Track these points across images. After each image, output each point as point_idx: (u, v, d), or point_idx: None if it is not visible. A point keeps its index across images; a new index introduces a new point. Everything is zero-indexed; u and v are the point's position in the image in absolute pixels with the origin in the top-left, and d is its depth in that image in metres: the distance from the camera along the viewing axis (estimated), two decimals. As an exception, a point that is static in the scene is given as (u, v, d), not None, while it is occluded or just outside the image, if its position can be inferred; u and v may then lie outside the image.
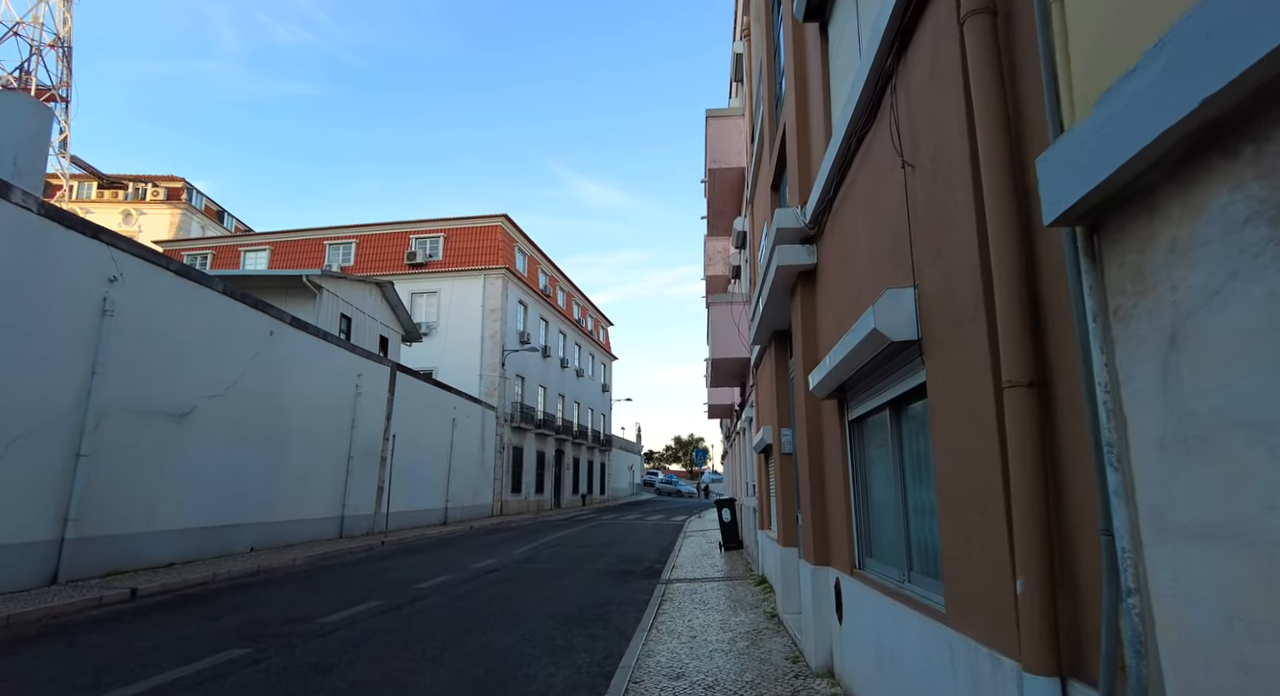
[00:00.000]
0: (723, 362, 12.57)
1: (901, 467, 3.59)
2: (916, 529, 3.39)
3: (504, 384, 32.52)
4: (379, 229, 35.14)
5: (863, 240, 3.80)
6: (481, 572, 12.31)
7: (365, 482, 19.33)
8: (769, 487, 9.70)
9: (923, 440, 3.25)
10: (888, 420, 3.70)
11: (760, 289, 6.61)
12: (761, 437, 8.46)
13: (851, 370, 3.76)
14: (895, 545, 3.72)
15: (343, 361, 18.05)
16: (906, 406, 3.51)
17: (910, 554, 3.48)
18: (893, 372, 3.45)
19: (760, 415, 9.78)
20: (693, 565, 12.93)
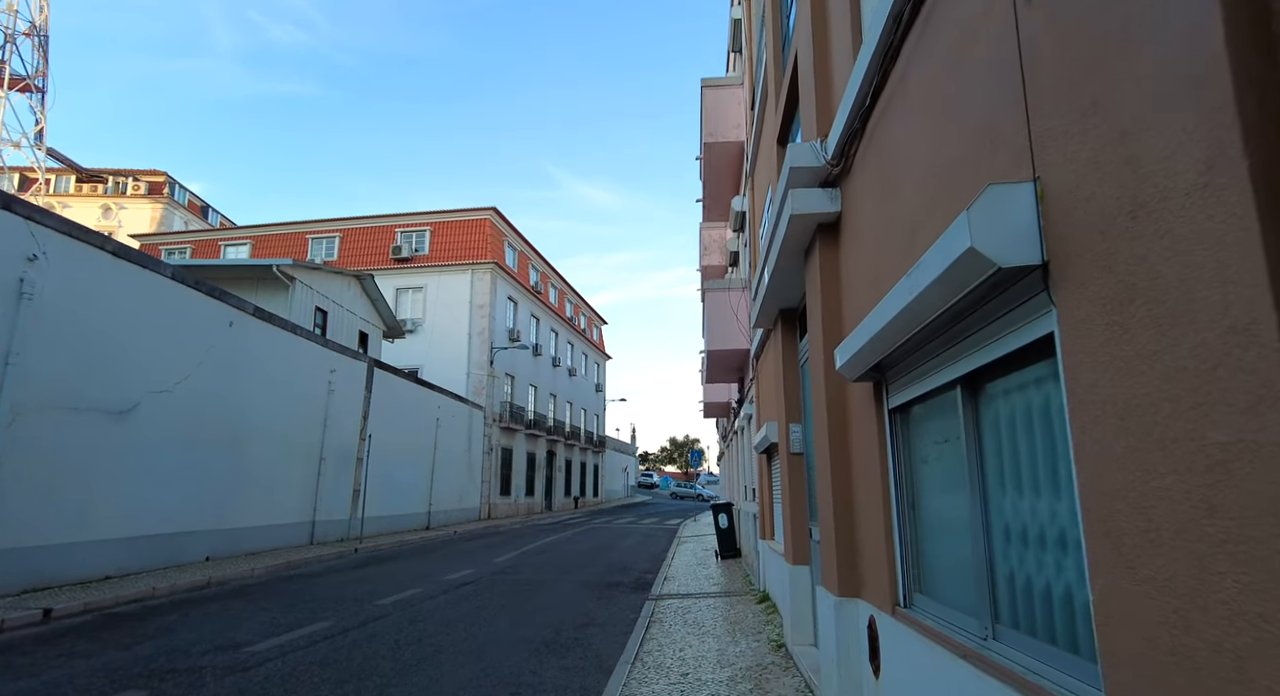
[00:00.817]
0: (720, 355, 11.50)
1: (981, 471, 2.51)
2: (1009, 561, 2.30)
3: (492, 383, 31.38)
4: (363, 222, 33.98)
5: (921, 150, 2.71)
6: (454, 585, 11.18)
7: (339, 486, 18.19)
8: (771, 493, 8.61)
9: (1027, 431, 2.16)
10: (958, 404, 2.61)
11: (765, 259, 5.53)
12: (764, 435, 7.37)
13: (903, 334, 2.67)
14: (966, 581, 2.63)
15: (314, 356, 16.91)
16: (990, 383, 2.43)
17: (995, 598, 2.39)
18: (971, 332, 2.36)
19: (762, 410, 8.69)
20: (686, 576, 11.83)
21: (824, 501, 4.24)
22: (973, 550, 2.51)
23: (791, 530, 5.74)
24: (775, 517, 8.34)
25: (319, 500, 17.10)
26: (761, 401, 8.85)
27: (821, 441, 4.22)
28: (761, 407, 8.76)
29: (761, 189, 8.99)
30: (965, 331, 2.39)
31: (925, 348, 2.77)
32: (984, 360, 2.28)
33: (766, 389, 7.98)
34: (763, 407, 8.62)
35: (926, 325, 2.46)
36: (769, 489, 8.66)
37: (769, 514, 8.63)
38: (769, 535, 8.68)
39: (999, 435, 2.36)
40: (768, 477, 8.69)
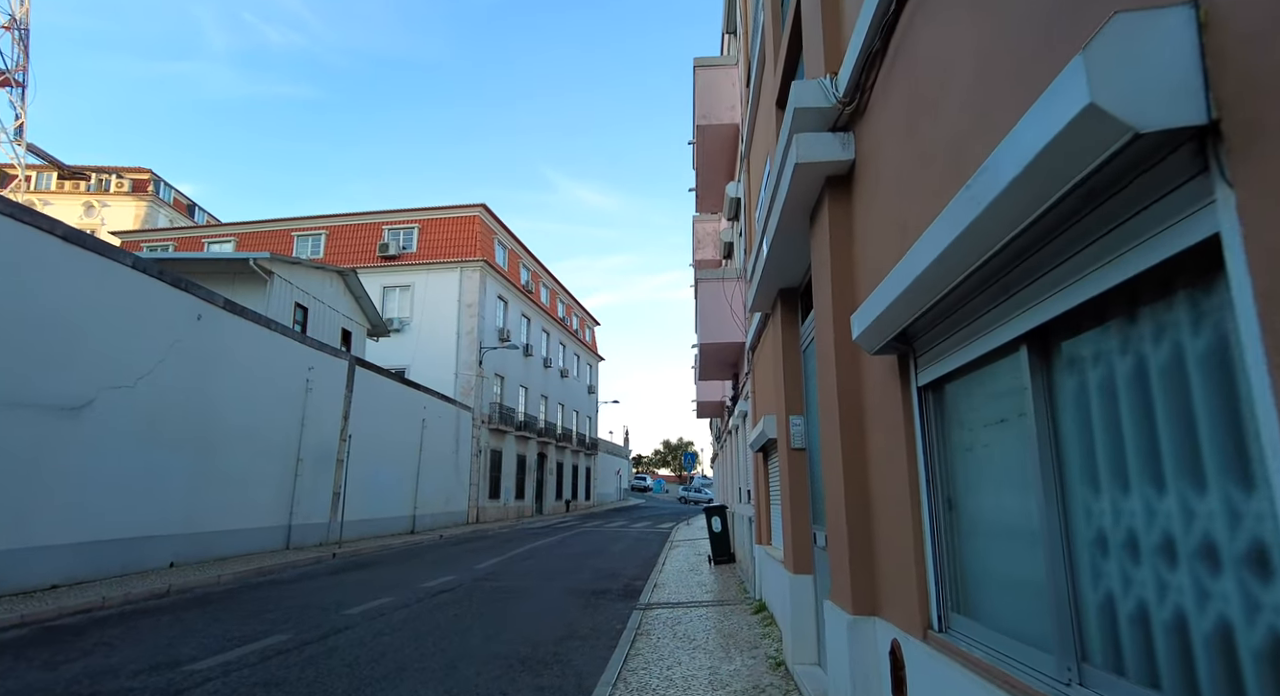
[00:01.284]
0: (713, 349, 10.88)
1: (1056, 458, 1.88)
2: (1107, 581, 1.67)
3: (481, 383, 30.69)
4: (350, 219, 33.26)
5: (969, 39, 2.09)
6: (431, 593, 10.51)
7: (318, 488, 17.47)
8: (768, 494, 7.99)
9: (1140, 396, 1.53)
10: (1023, 371, 1.99)
11: (764, 228, 4.92)
12: (760, 432, 6.75)
13: (949, 279, 2.05)
14: (1033, 604, 2.00)
15: (291, 353, 16.21)
16: (1075, 336, 1.80)
17: (1082, 630, 1.76)
18: (1064, 258, 1.69)
19: (759, 404, 8.07)
20: (677, 583, 11.18)
21: (834, 501, 3.61)
22: (1047, 564, 1.89)
23: (792, 535, 5.11)
24: (773, 521, 7.72)
25: (296, 503, 16.39)
26: (758, 395, 8.23)
27: (830, 431, 3.60)
28: (758, 402, 8.14)
29: (758, 168, 8.39)
30: (1052, 259, 1.73)
31: (975, 299, 2.15)
32: (1077, 299, 1.63)
33: (764, 380, 7.36)
34: (759, 402, 8.00)
35: (988, 260, 1.84)
36: (765, 490, 8.03)
37: (765, 517, 8.01)
38: (766, 539, 8.05)
39: (1090, 407, 1.73)
40: (764, 478, 8.06)
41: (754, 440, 7.67)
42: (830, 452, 3.65)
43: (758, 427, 7.25)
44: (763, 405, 7.69)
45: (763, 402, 7.71)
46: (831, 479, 3.66)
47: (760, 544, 8.43)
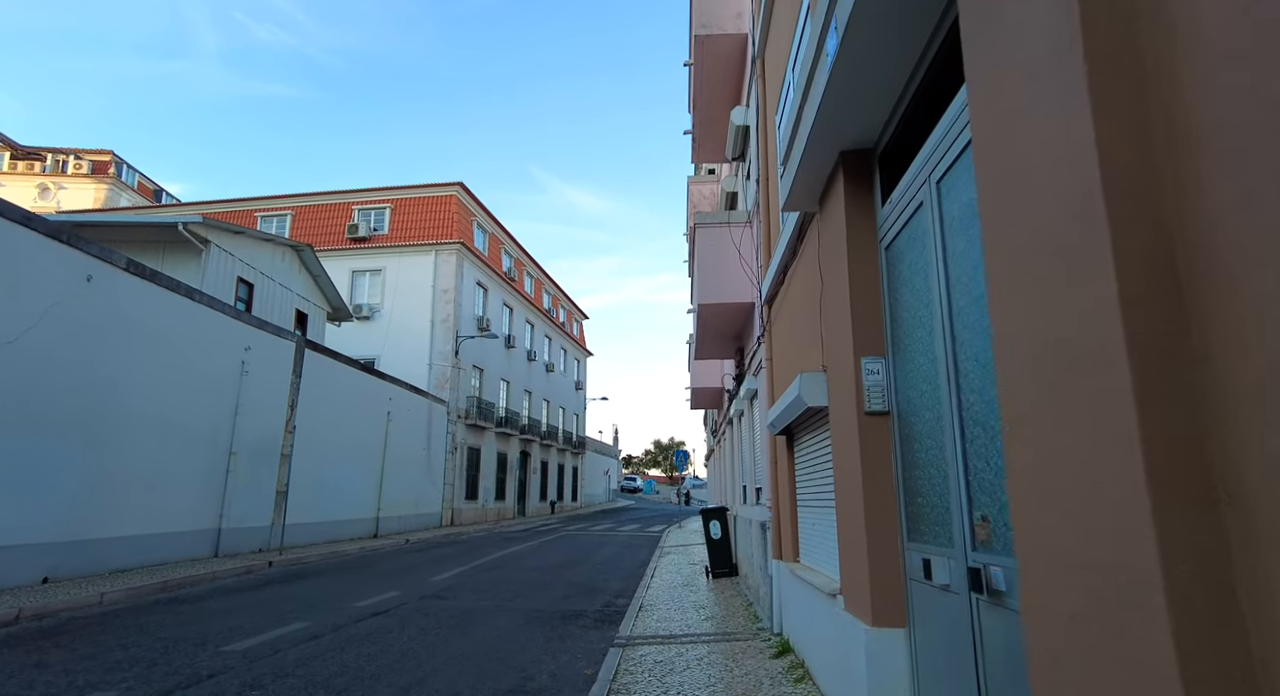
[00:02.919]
0: (715, 313, 8.78)
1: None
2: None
3: (458, 375, 28.45)
4: (317, 199, 30.96)
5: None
6: (358, 617, 8.34)
7: (257, 486, 15.22)
8: (793, 491, 5.86)
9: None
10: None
11: (821, 42, 2.81)
12: (789, 402, 4.63)
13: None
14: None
15: (221, 329, 13.96)
16: None
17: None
18: None
19: (783, 367, 5.95)
20: (669, 603, 9.04)
21: (1028, 494, 1.51)
22: None
23: (869, 559, 2.99)
24: (801, 529, 5.60)
25: (228, 503, 14.14)
26: (782, 357, 6.10)
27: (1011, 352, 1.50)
28: (782, 365, 6.02)
29: (776, 69, 6.27)
30: None
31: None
32: None
33: (795, 331, 5.24)
34: (785, 363, 5.88)
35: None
36: (790, 487, 5.90)
37: (790, 523, 5.88)
38: (790, 554, 5.92)
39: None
40: (788, 471, 5.93)
41: (775, 417, 5.55)
42: (1017, 393, 1.55)
43: (782, 399, 5.14)
44: (789, 365, 5.57)
45: (790, 362, 5.59)
46: (1023, 448, 1.56)
47: (781, 559, 6.30)
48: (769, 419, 5.92)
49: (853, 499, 3.32)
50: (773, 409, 5.77)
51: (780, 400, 5.29)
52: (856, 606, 3.27)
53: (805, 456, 5.33)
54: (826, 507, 4.64)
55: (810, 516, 5.25)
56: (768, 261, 6.89)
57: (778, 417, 5.44)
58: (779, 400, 5.48)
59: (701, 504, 54.21)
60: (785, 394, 4.98)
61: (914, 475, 2.87)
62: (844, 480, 3.53)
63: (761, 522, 7.69)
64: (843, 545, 3.66)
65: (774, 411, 5.66)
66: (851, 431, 3.27)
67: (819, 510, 4.91)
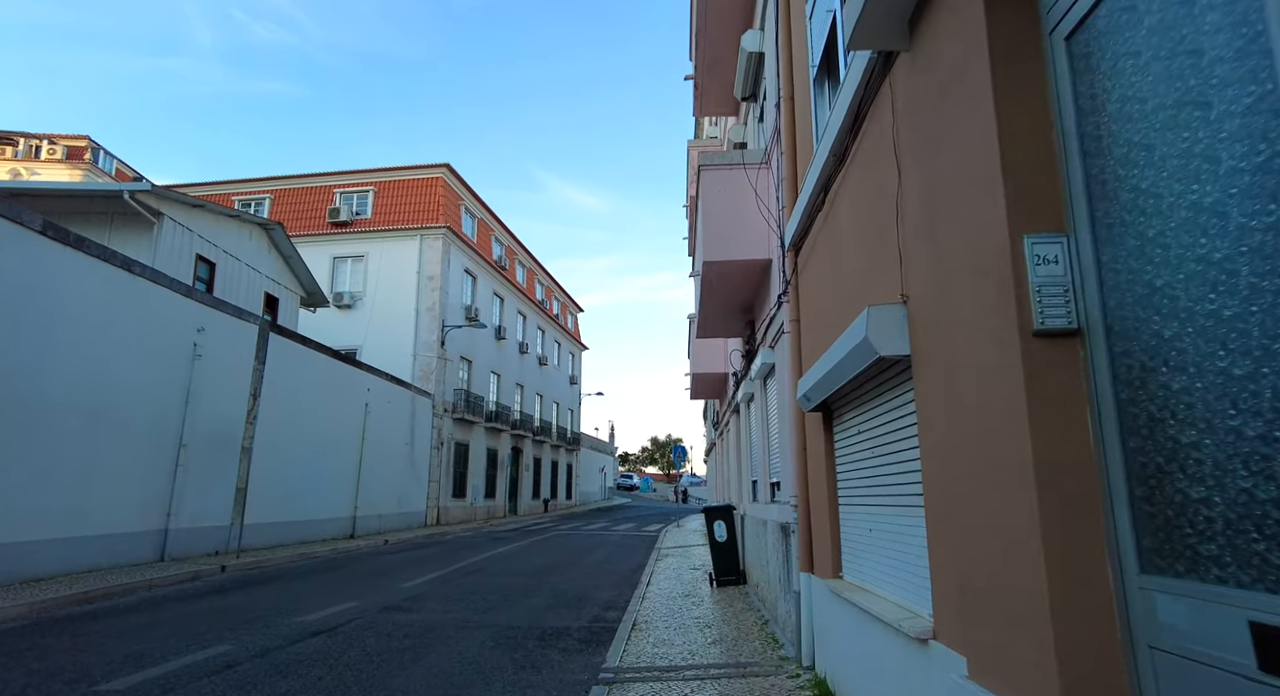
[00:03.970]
0: (723, 274, 7.38)
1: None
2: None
3: (444, 367, 27.02)
4: (297, 182, 29.47)
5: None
6: (300, 635, 6.96)
7: (213, 482, 13.80)
8: (831, 485, 4.47)
9: None
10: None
11: None
12: (847, 353, 3.23)
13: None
14: None
15: (167, 307, 12.52)
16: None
17: None
18: None
19: (820, 322, 4.56)
20: (667, 619, 7.66)
21: None
22: None
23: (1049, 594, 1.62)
24: (853, 535, 4.22)
25: (177, 501, 12.72)
26: (821, 306, 4.70)
27: None
28: (821, 318, 4.61)
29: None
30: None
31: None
32: None
33: (849, 258, 3.84)
34: (824, 316, 4.48)
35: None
36: (827, 477, 4.52)
37: (826, 526, 4.49)
38: (826, 567, 4.53)
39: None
40: (825, 456, 4.55)
41: (810, 388, 4.17)
42: None
43: (825, 359, 3.76)
44: (827, 322, 4.19)
45: (827, 317, 4.21)
46: None
47: (812, 572, 4.91)
48: (800, 391, 4.52)
49: (994, 488, 1.94)
50: (806, 377, 4.37)
51: (820, 363, 3.90)
52: (1004, 679, 1.90)
53: (855, 436, 3.93)
54: (895, 506, 3.25)
55: (863, 518, 3.86)
56: (793, 199, 5.50)
57: (815, 387, 4.05)
58: (816, 365, 4.09)
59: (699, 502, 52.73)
60: (833, 350, 3.59)
61: (1166, 444, 1.49)
62: (969, 456, 2.16)
63: (781, 524, 6.30)
64: (957, 565, 2.29)
65: (808, 380, 4.27)
66: (997, 370, 1.89)
67: (880, 509, 3.53)
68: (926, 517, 2.73)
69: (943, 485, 2.53)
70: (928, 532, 2.72)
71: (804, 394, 4.37)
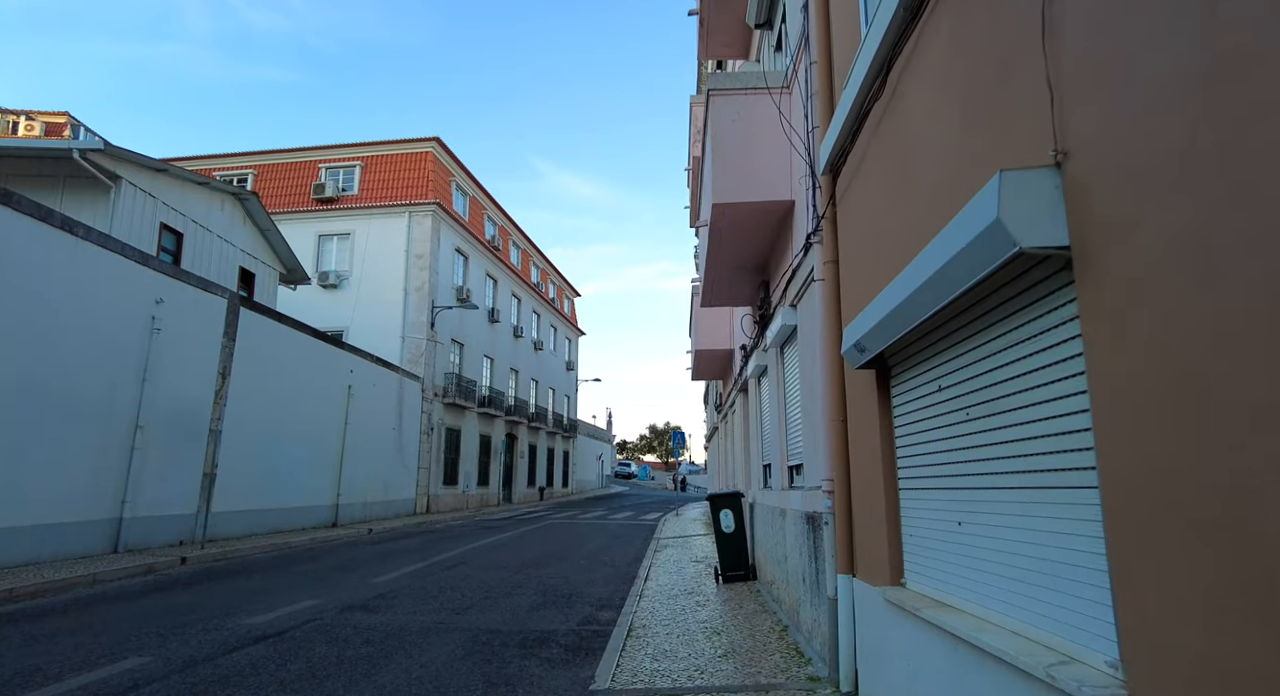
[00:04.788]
0: (737, 220, 6.25)
1: None
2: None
3: (434, 349, 25.92)
4: (281, 157, 28.23)
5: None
6: (238, 642, 5.92)
7: (176, 467, 12.75)
8: (888, 463, 3.40)
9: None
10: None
11: None
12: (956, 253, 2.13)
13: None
14: None
15: (119, 276, 11.41)
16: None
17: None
18: None
19: (868, 259, 3.49)
20: (669, 623, 6.62)
21: None
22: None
23: None
24: (925, 531, 3.16)
25: (133, 487, 11.66)
26: (873, 234, 3.63)
27: None
28: (872, 252, 3.54)
29: None
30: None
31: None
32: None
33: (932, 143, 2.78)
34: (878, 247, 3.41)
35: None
36: (882, 454, 3.45)
37: (881, 518, 3.43)
38: (879, 571, 3.47)
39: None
40: (879, 427, 3.48)
41: (866, 333, 3.11)
42: None
43: (899, 286, 2.67)
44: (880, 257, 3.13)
45: (879, 251, 3.15)
46: None
47: (854, 575, 3.86)
48: (848, 341, 3.44)
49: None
50: (860, 320, 3.29)
51: (889, 294, 2.82)
52: None
53: (931, 396, 2.87)
54: (1017, 488, 2.18)
55: (944, 507, 2.80)
56: (828, 113, 4.41)
57: (876, 329, 2.98)
58: (876, 301, 3.02)
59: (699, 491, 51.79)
60: (915, 267, 2.51)
61: None
62: (1221, 400, 1.13)
63: (807, 514, 5.24)
64: (1193, 589, 1.26)
65: (863, 323, 3.19)
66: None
67: (983, 494, 2.46)
68: (1105, 507, 1.66)
69: (1145, 454, 1.47)
70: (1108, 532, 1.66)
71: (856, 342, 3.29)
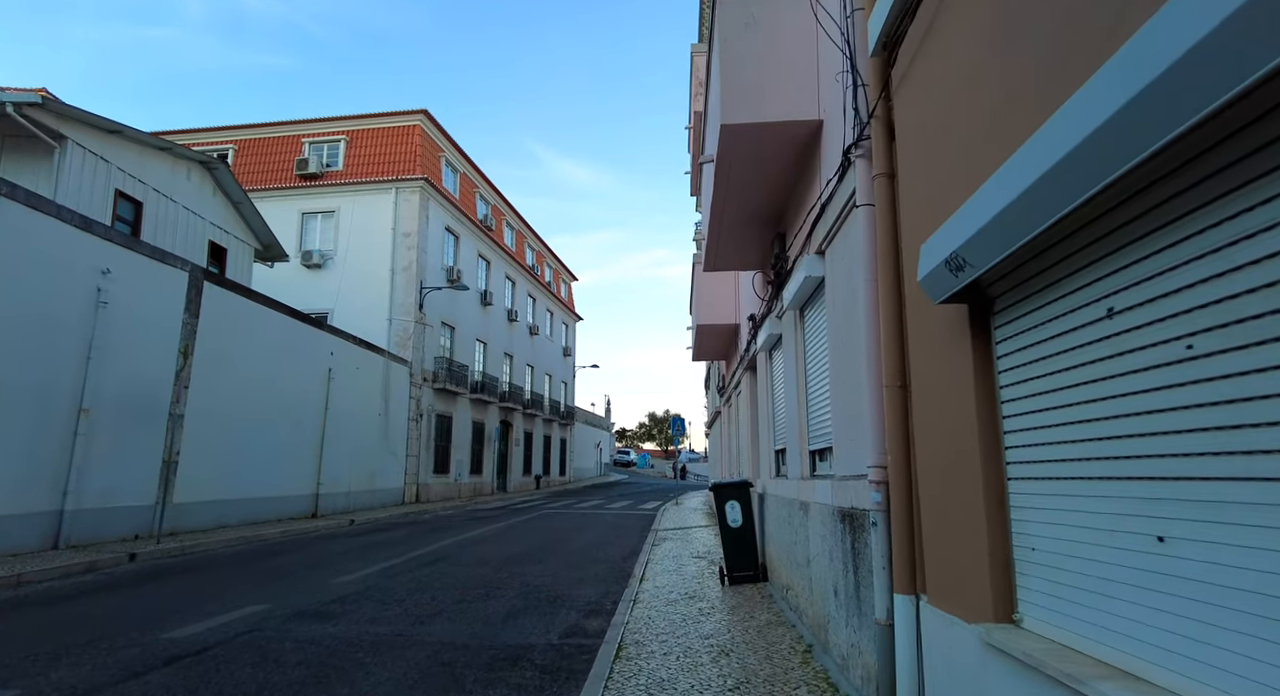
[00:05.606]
0: (747, 149, 5.13)
1: None
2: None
3: (423, 332, 24.80)
4: (262, 131, 26.95)
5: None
6: (145, 666, 4.86)
7: (130, 454, 11.67)
8: (991, 438, 2.29)
9: None
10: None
11: None
12: None
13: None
14: None
15: (55, 240, 10.27)
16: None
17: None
18: None
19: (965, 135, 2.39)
20: (666, 641, 5.55)
21: None
22: None
23: None
24: (1052, 543, 2.00)
25: (77, 476, 10.58)
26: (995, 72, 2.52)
27: None
28: (1022, 75, 2.44)
29: None
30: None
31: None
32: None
33: None
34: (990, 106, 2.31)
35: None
36: (979, 431, 2.33)
37: (981, 521, 2.32)
38: (975, 602, 2.37)
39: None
40: (968, 388, 2.36)
41: (971, 238, 1.93)
42: None
43: (1062, 120, 1.51)
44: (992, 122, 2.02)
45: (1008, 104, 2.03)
46: None
47: (933, 602, 2.75)
48: (933, 261, 2.32)
49: None
50: (948, 230, 2.18)
51: (1011, 175, 1.69)
52: None
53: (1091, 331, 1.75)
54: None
55: (1115, 512, 1.69)
56: None
57: (981, 236, 1.89)
58: (980, 197, 1.90)
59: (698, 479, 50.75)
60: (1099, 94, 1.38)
61: None
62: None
63: (842, 511, 4.14)
64: None
65: (957, 232, 2.08)
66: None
67: (1214, 491, 1.35)
68: None
69: None
70: None
71: (948, 259, 2.18)
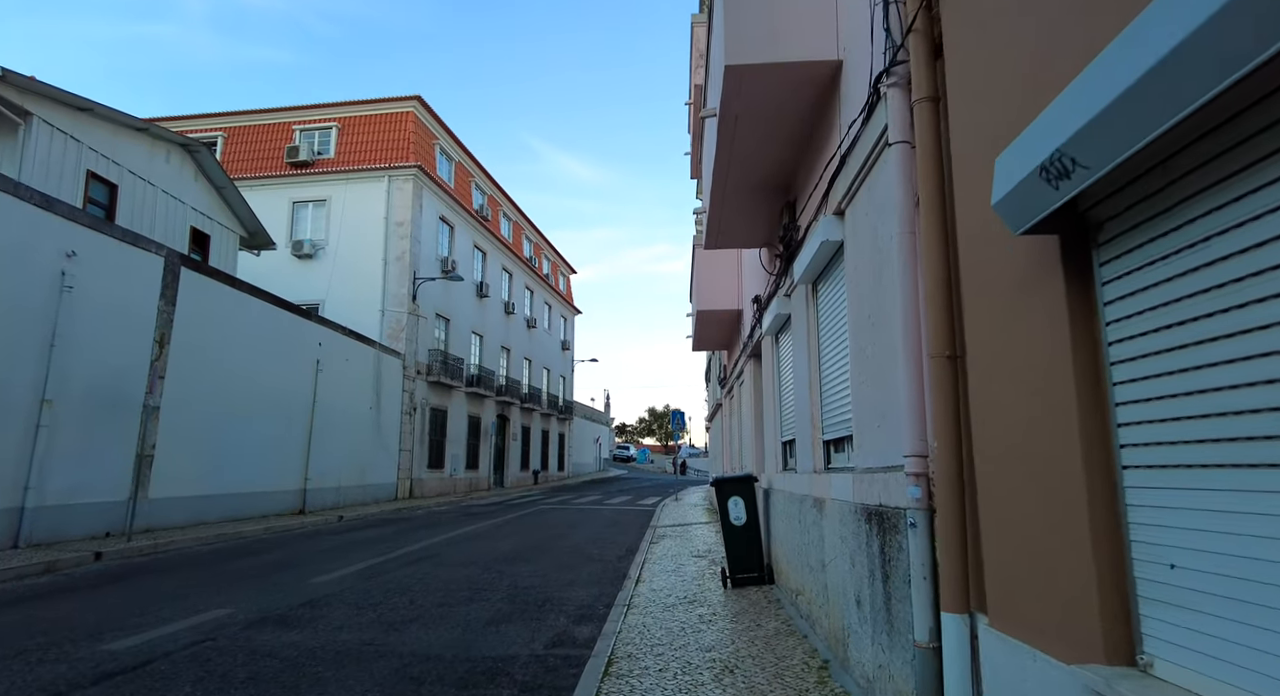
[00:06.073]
0: (756, 97, 4.50)
1: None
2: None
3: (417, 324, 24.19)
4: (252, 119, 26.30)
5: None
6: (67, 686, 4.24)
7: (99, 448, 11.07)
8: (1083, 416, 1.68)
9: None
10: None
11: None
12: None
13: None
14: None
15: (9, 220, 9.64)
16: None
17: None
18: None
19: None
20: (663, 654, 4.96)
21: None
22: None
23: None
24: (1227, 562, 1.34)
25: (39, 472, 9.99)
26: None
27: None
28: None
29: None
30: None
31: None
32: None
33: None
34: None
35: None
36: (1079, 406, 1.72)
37: (1087, 516, 1.70)
38: (1084, 633, 1.75)
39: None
40: (1063, 352, 1.74)
41: (1089, 124, 1.29)
42: None
43: None
44: None
45: None
46: None
47: (1032, 637, 2.13)
48: (1025, 168, 1.70)
49: None
50: (1046, 121, 1.56)
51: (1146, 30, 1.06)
52: None
53: None
54: None
55: None
56: None
57: (1100, 123, 1.26)
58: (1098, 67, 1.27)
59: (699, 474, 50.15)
60: None
61: None
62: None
63: (869, 509, 3.54)
64: None
65: (1063, 122, 1.45)
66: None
67: None
68: None
69: None
70: None
71: (1055, 153, 1.56)
